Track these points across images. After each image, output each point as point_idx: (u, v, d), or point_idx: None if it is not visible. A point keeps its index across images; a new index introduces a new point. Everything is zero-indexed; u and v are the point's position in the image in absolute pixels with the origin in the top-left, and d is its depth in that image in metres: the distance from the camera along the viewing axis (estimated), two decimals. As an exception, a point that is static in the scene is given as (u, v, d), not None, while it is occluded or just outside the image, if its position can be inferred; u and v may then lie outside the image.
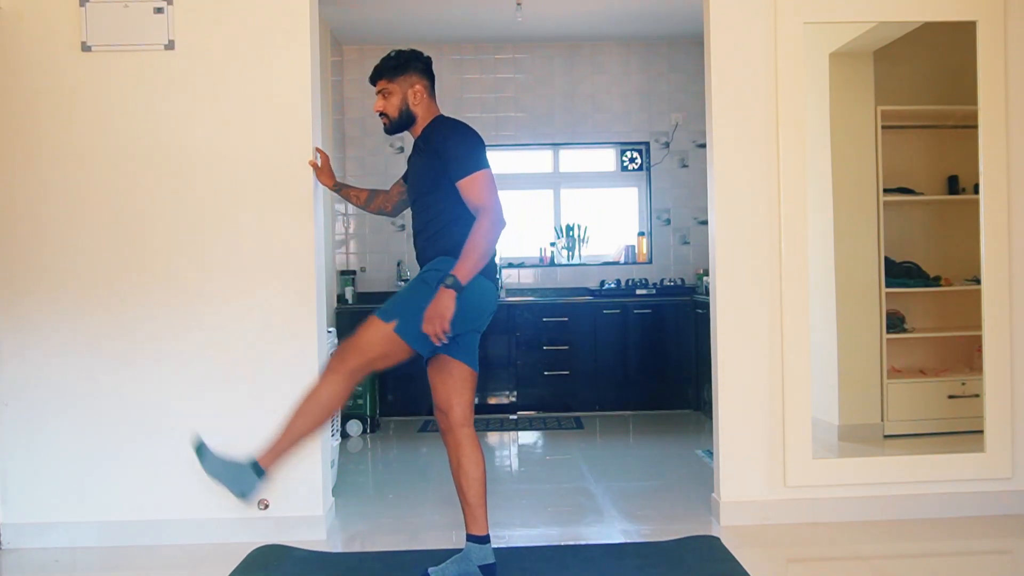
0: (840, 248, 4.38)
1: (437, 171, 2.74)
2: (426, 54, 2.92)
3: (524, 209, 6.63)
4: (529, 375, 6.04)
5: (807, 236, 3.46)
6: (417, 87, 2.85)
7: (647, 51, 6.60)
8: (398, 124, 2.88)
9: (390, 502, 4.01)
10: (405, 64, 2.85)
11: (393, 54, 2.88)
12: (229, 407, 3.38)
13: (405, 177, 3.03)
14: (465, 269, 2.62)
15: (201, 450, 2.66)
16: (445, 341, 2.64)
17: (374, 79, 2.89)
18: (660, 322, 6.06)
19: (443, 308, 2.58)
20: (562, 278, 6.57)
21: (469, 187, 2.69)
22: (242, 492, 2.66)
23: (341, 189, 3.31)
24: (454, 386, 2.83)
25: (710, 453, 4.15)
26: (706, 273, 5.92)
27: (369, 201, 3.23)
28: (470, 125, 2.82)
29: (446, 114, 2.91)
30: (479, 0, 5.54)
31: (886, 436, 4.37)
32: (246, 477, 2.65)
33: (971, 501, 3.49)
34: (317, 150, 3.37)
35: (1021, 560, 3.19)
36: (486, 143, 2.80)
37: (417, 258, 2.90)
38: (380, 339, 2.69)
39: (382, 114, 2.88)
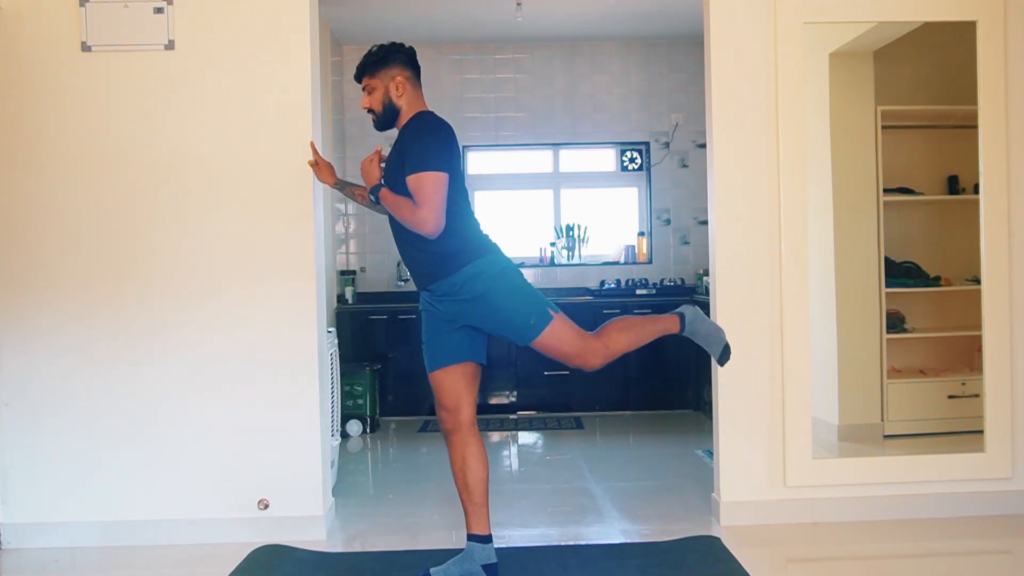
0: (840, 248, 4.38)
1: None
2: (408, 45, 2.88)
3: (524, 209, 6.63)
4: (529, 375, 6.04)
5: (807, 236, 3.46)
6: (399, 78, 2.81)
7: (647, 51, 6.59)
8: (384, 119, 2.85)
9: (390, 502, 4.01)
10: (386, 58, 2.82)
11: (374, 49, 2.84)
12: (230, 406, 3.38)
13: None
14: (387, 199, 2.74)
15: None
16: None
17: (358, 76, 2.87)
18: (660, 322, 6.05)
19: (366, 170, 2.82)
20: (562, 278, 6.57)
21: (414, 185, 2.65)
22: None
23: (344, 187, 3.27)
24: (466, 385, 2.82)
25: (710, 453, 4.15)
26: (706, 273, 5.92)
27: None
28: (447, 124, 2.77)
29: (445, 115, 2.88)
30: (479, 0, 5.55)
31: (886, 436, 4.37)
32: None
33: (971, 501, 3.49)
34: (311, 145, 3.33)
35: (1021, 560, 3.19)
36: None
37: (417, 268, 2.82)
38: (560, 329, 2.78)
39: (369, 110, 2.86)
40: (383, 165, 2.84)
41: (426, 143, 2.68)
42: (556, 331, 2.77)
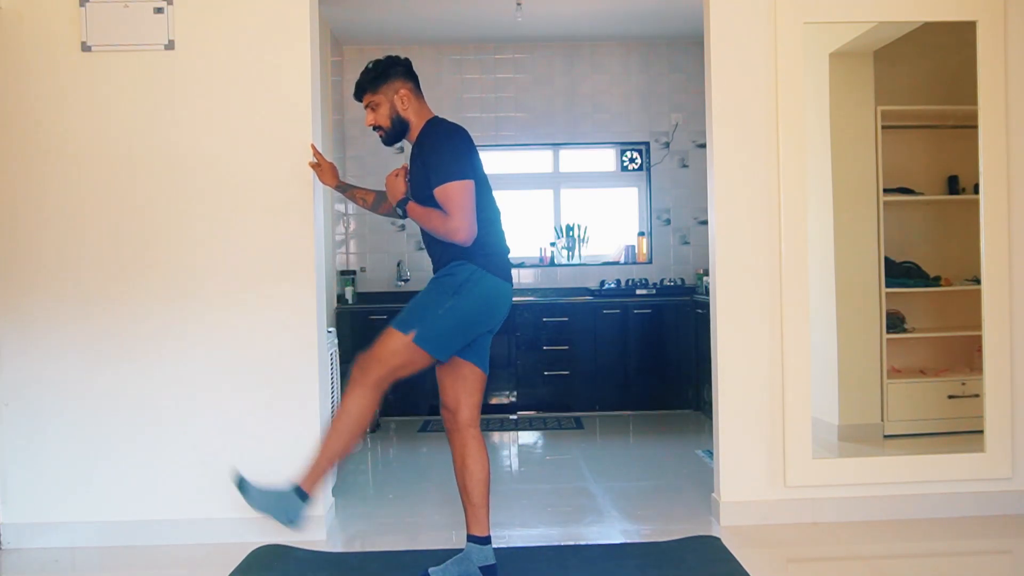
0: (840, 248, 4.38)
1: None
2: (404, 56, 2.89)
3: (524, 209, 6.63)
4: (529, 375, 6.04)
5: (807, 236, 3.46)
6: (402, 92, 2.81)
7: (647, 51, 6.60)
8: (394, 134, 2.85)
9: (390, 502, 4.01)
10: (385, 72, 2.81)
11: (371, 65, 2.84)
12: (230, 406, 3.38)
13: None
14: (415, 212, 2.75)
15: (243, 485, 2.66)
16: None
17: (358, 95, 2.86)
18: (660, 322, 6.06)
19: (392, 185, 2.81)
20: (562, 278, 6.57)
21: (441, 197, 2.66)
22: (289, 519, 2.66)
23: (346, 190, 3.26)
24: (464, 387, 2.84)
25: (710, 453, 4.15)
26: (706, 273, 5.92)
27: (377, 204, 3.17)
28: (461, 127, 2.78)
29: (445, 114, 2.88)
30: (479, 0, 5.55)
31: (886, 436, 4.37)
32: (291, 503, 2.65)
33: (971, 501, 3.49)
34: (312, 146, 3.34)
35: (1021, 560, 3.19)
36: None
37: (433, 266, 2.87)
38: (400, 349, 2.70)
39: (376, 127, 2.85)
40: (408, 180, 2.82)
41: (447, 153, 2.68)
42: (395, 341, 2.69)
